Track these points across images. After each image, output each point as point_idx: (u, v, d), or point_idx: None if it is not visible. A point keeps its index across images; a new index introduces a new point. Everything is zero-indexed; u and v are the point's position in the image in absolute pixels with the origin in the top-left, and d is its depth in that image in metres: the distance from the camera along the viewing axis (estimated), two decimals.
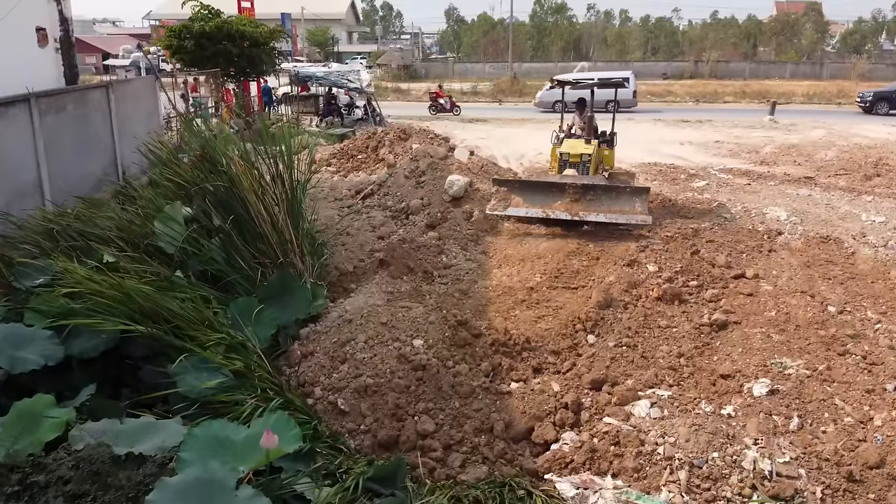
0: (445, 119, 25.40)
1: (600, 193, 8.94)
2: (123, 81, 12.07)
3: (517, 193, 9.16)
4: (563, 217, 8.68)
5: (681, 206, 10.76)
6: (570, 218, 8.63)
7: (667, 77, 50.44)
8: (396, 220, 10.13)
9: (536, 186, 9.24)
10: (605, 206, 8.79)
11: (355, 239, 9.31)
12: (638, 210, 8.76)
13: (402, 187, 10.95)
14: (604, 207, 8.77)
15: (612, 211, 8.72)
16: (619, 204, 8.82)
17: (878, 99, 28.23)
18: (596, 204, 8.84)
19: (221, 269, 5.86)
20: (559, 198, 8.93)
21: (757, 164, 15.13)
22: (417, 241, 8.11)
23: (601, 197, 8.90)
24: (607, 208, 8.76)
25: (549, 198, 8.96)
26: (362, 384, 4.98)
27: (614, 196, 8.92)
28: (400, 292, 6.88)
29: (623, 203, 8.83)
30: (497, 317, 6.17)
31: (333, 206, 10.87)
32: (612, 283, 6.70)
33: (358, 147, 14.40)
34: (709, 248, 8.12)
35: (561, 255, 7.92)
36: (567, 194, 8.92)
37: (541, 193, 9.04)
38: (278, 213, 6.32)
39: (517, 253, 8.15)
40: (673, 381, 5.27)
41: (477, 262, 7.93)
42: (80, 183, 9.32)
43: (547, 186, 9.15)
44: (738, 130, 21.15)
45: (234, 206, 6.00)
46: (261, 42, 18.78)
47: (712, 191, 12.30)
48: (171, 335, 4.49)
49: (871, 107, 27.80)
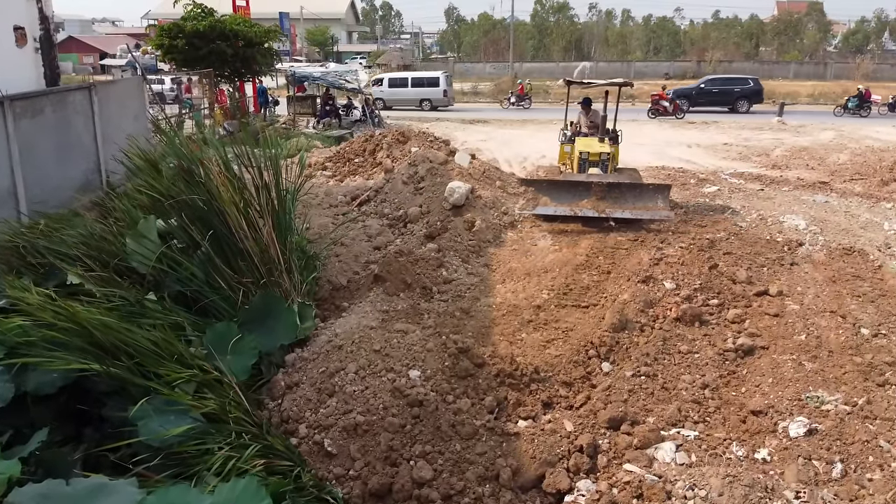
0: (445, 121, 24.88)
1: (625, 191, 9.28)
2: (108, 83, 11.53)
3: (544, 193, 9.51)
4: (589, 214, 9.01)
5: (693, 214, 10.23)
6: (596, 215, 8.98)
7: (669, 77, 49.88)
8: (394, 228, 9.61)
9: (563, 186, 9.56)
10: (629, 204, 9.15)
11: (350, 249, 8.78)
12: (660, 206, 9.20)
13: (400, 194, 10.42)
14: (628, 205, 9.14)
15: (636, 208, 9.10)
16: (643, 201, 9.21)
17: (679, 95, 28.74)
18: (621, 201, 9.18)
19: (199, 290, 5.32)
20: (585, 196, 9.27)
21: (769, 168, 14.59)
22: (415, 254, 7.58)
23: (626, 194, 9.25)
24: (632, 205, 9.14)
25: (576, 196, 9.30)
26: (352, 422, 4.46)
27: (638, 193, 9.30)
28: (396, 311, 6.36)
29: (647, 200, 9.24)
30: (502, 340, 5.64)
31: (328, 213, 10.35)
32: (627, 303, 6.17)
33: (355, 150, 13.85)
34: (727, 262, 7.59)
35: (569, 269, 7.40)
36: (592, 192, 9.25)
37: (567, 192, 9.37)
38: (263, 226, 5.79)
39: (522, 266, 7.63)
40: (698, 418, 4.74)
41: (479, 277, 7.41)
42: (59, 191, 8.80)
43: (573, 185, 9.46)
44: (745, 132, 20.63)
45: (213, 220, 5.47)
46: (255, 42, 18.24)
47: (724, 197, 11.77)
48: (135, 373, 3.96)
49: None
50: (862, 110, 26.65)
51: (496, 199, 9.84)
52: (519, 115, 27.76)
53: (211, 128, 16.22)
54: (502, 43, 64.21)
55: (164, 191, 5.53)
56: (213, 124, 16.24)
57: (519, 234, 8.92)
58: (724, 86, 28.98)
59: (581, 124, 11.75)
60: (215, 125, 16.50)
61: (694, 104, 28.15)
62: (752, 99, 28.38)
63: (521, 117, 26.60)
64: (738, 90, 28.50)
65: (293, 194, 7.23)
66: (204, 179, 5.43)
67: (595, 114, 11.86)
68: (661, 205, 9.24)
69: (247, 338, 4.97)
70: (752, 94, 28.48)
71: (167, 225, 5.57)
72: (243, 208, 5.58)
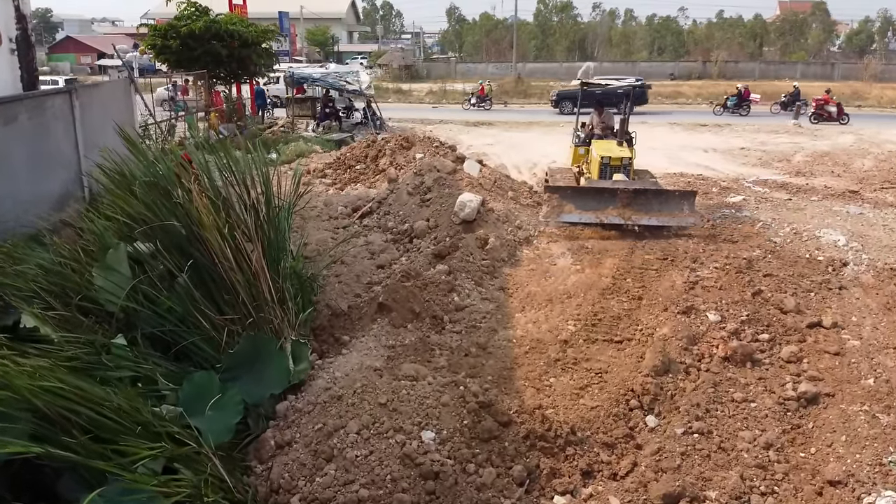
0: (449, 123, 24.12)
1: (650, 198, 9.03)
2: (91, 86, 10.80)
3: (568, 200, 9.15)
4: (616, 222, 8.77)
5: (721, 227, 9.48)
6: (623, 223, 8.74)
7: (674, 77, 49.13)
8: (398, 243, 8.86)
9: (587, 193, 9.25)
10: (655, 210, 8.91)
11: (351, 268, 8.04)
12: (687, 213, 8.99)
13: (406, 205, 9.68)
14: (654, 211, 8.90)
15: (662, 214, 8.89)
16: (669, 207, 9.00)
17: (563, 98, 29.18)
18: (646, 208, 8.92)
19: (177, 330, 4.58)
20: (610, 203, 8.97)
21: (792, 175, 13.84)
22: (424, 277, 6.83)
23: (651, 201, 9.00)
24: (658, 212, 8.91)
25: (601, 203, 9.00)
26: (354, 497, 3.71)
27: (664, 200, 9.08)
28: (403, 346, 5.61)
29: (673, 206, 9.02)
30: (527, 387, 4.89)
31: (327, 226, 9.61)
32: (668, 339, 5.43)
33: (356, 156, 13.09)
34: (770, 286, 6.84)
35: (595, 294, 6.65)
36: (618, 199, 8.93)
37: (592, 199, 9.07)
38: (252, 252, 5.05)
39: (542, 290, 6.88)
40: (766, 488, 4.00)
41: (495, 303, 6.66)
42: (36, 204, 8.05)
43: (598, 192, 9.14)
44: (761, 136, 19.86)
45: (193, 248, 4.73)
46: (252, 42, 17.49)
47: (751, 207, 11.01)
48: (89, 452, 3.21)
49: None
50: (741, 109, 27.25)
51: (509, 213, 9.09)
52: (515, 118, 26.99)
53: (204, 132, 15.49)
54: (504, 43, 63.37)
55: (136, 214, 4.78)
56: (206, 128, 15.50)
57: (536, 252, 8.17)
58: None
59: (594, 125, 11.37)
60: (209, 129, 15.75)
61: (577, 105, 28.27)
62: (637, 100, 28.67)
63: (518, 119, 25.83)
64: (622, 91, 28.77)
65: (288, 211, 6.49)
66: (182, 200, 4.68)
67: (608, 115, 11.53)
68: (688, 211, 9.03)
69: (230, 391, 4.23)
70: (637, 96, 28.53)
71: (141, 252, 4.81)
72: (228, 233, 4.84)
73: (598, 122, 11.43)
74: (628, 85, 11.48)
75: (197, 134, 15.30)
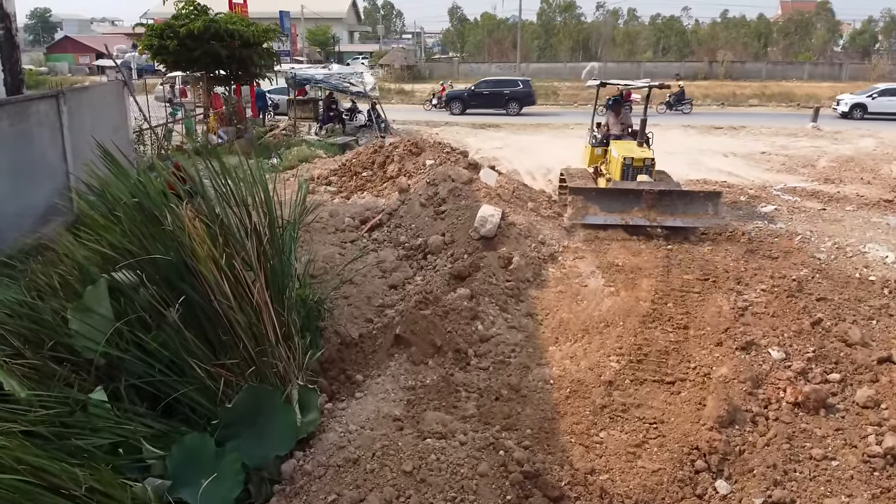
0: (454, 125, 23.45)
1: (675, 199, 8.97)
2: (82, 89, 10.14)
3: (593, 202, 9.00)
4: (641, 223, 8.70)
5: (757, 241, 8.80)
6: (648, 224, 8.66)
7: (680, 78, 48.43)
8: (411, 260, 8.20)
9: (612, 194, 9.12)
10: (679, 211, 8.87)
11: (361, 289, 7.38)
12: (711, 214, 8.95)
13: (418, 218, 9.02)
14: (679, 212, 8.86)
15: (687, 216, 8.85)
16: (695, 208, 8.94)
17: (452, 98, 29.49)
18: (671, 209, 8.87)
19: (166, 380, 3.92)
20: (635, 204, 8.86)
21: (821, 182, 13.16)
22: (443, 303, 6.15)
23: (676, 202, 8.94)
24: (682, 213, 8.86)
25: (626, 205, 8.89)
26: None
27: (689, 201, 9.00)
28: (424, 387, 4.94)
29: (698, 208, 8.96)
30: (574, 444, 4.22)
31: (334, 239, 8.94)
32: (729, 381, 4.76)
33: (362, 162, 12.43)
34: (826, 312, 6.17)
35: (635, 322, 5.99)
36: (643, 201, 8.83)
37: (617, 201, 8.95)
38: (253, 282, 4.38)
39: (575, 317, 6.21)
40: None
41: (524, 332, 5.99)
42: (17, 220, 7.43)
43: (622, 194, 9.02)
44: (780, 139, 19.19)
45: (186, 282, 4.06)
46: (253, 42, 16.82)
47: (784, 217, 10.35)
48: None
49: None
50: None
51: (531, 227, 8.43)
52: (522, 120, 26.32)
53: (203, 136, 14.83)
54: (507, 43, 62.75)
55: (118, 243, 4.11)
56: (205, 132, 14.83)
57: (562, 271, 7.50)
58: (496, 88, 29.42)
59: (609, 125, 11.08)
60: (208, 132, 15.09)
61: (467, 106, 28.77)
62: (523, 101, 29.01)
63: (525, 122, 25.15)
64: (508, 92, 29.11)
65: (293, 229, 5.83)
66: (172, 227, 4.02)
67: (626, 115, 11.38)
68: (713, 212, 8.97)
69: (228, 456, 3.57)
70: (523, 97, 29.07)
71: (124, 288, 4.14)
72: (226, 263, 4.17)
73: (615, 122, 11.10)
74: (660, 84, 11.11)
75: (195, 139, 14.66)
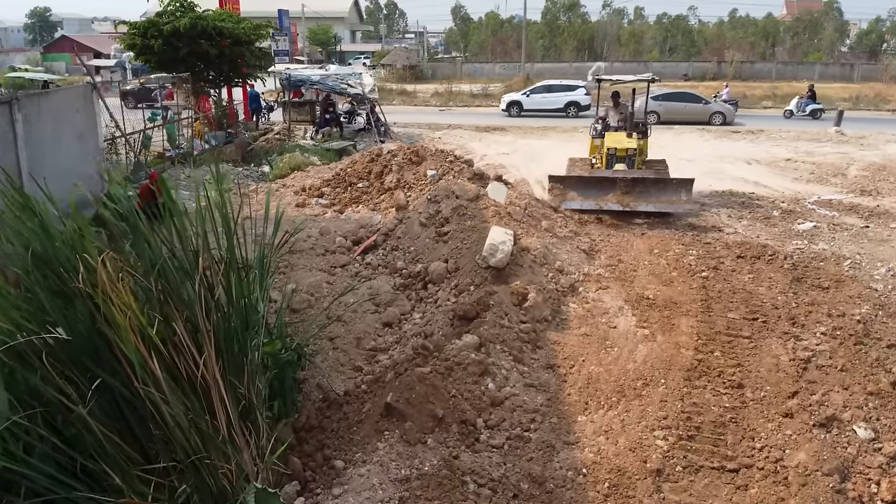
0: (458, 128, 22.37)
1: (649, 186, 9.55)
2: (40, 94, 9.10)
3: (572, 188, 9.68)
4: (615, 208, 9.38)
5: (802, 266, 7.75)
6: (621, 209, 9.34)
7: (688, 78, 47.34)
8: (409, 290, 7.18)
9: (589, 182, 9.78)
10: (653, 197, 9.45)
11: (350, 328, 6.36)
12: (684, 200, 9.46)
13: (418, 239, 7.99)
14: (652, 198, 9.44)
15: (660, 201, 9.41)
16: (667, 195, 9.49)
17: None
18: (645, 195, 9.46)
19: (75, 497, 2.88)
20: (611, 191, 9.53)
21: (857, 195, 12.09)
22: (445, 354, 5.10)
23: (650, 189, 9.51)
24: (656, 199, 9.44)
25: (602, 191, 9.56)
26: None
27: (662, 187, 9.55)
28: (422, 477, 3.88)
29: (670, 194, 9.49)
30: None
31: (322, 263, 7.92)
32: (810, 474, 3.71)
33: (358, 172, 11.38)
34: None
35: (678, 378, 4.94)
36: (618, 187, 9.50)
37: (593, 188, 9.62)
38: (200, 353, 3.34)
39: (606, 371, 5.16)
40: None
41: (544, 392, 4.93)
42: None
43: (599, 181, 9.71)
44: (803, 144, 18.09)
45: (104, 363, 3.03)
46: (244, 40, 15.78)
47: (825, 236, 9.29)
48: None
49: None
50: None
51: (546, 251, 7.39)
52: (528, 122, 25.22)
53: (188, 141, 13.78)
54: (510, 42, 61.59)
55: (21, 315, 3.06)
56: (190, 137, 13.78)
57: (585, 306, 6.45)
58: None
59: (610, 119, 11.66)
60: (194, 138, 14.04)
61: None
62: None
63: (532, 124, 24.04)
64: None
65: (263, 270, 4.76)
66: (85, 287, 2.98)
67: (625, 107, 11.79)
68: (685, 198, 9.43)
69: None
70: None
71: (27, 375, 3.10)
72: (159, 334, 3.13)
73: (614, 115, 11.64)
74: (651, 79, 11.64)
75: (178, 146, 13.63)
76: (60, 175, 8.44)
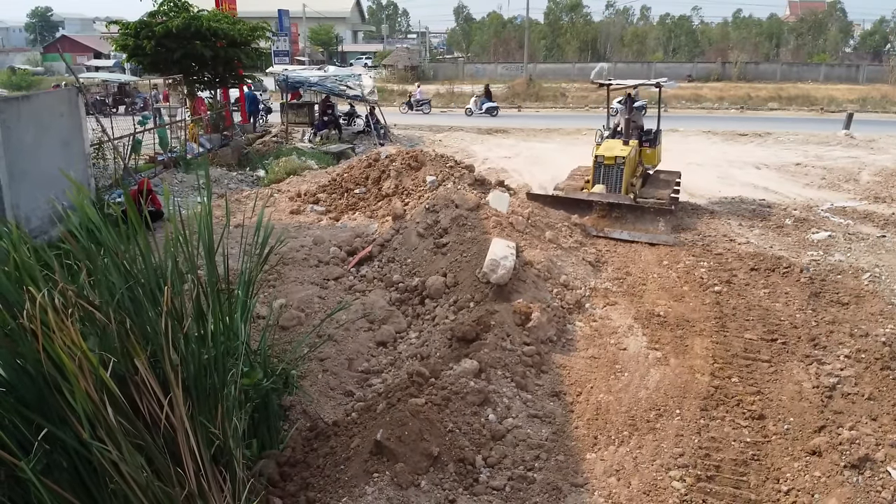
0: (459, 130, 21.99)
1: (626, 211, 9.16)
2: (21, 98, 8.75)
3: (550, 207, 9.27)
4: (590, 232, 8.88)
5: (819, 280, 7.37)
6: (595, 234, 8.87)
7: (692, 79, 46.89)
8: (405, 305, 6.81)
9: (566, 202, 9.45)
10: (629, 224, 9.06)
11: (342, 348, 5.99)
12: (661, 230, 8.95)
13: (415, 251, 7.62)
14: (629, 225, 9.05)
15: (636, 229, 8.96)
16: (644, 223, 9.05)
17: None
18: (622, 221, 9.10)
19: None
20: (587, 213, 9.22)
21: (871, 201, 11.69)
22: (442, 382, 4.72)
23: (626, 215, 9.14)
24: (632, 226, 9.03)
25: (579, 212, 9.20)
26: None
27: (639, 214, 9.12)
28: None
29: (647, 222, 9.04)
30: None
31: (314, 276, 7.55)
32: None
33: (355, 178, 11.01)
34: None
35: (694, 408, 4.57)
36: (595, 210, 9.20)
37: (571, 208, 9.28)
38: (166, 395, 2.97)
39: (616, 400, 4.78)
40: None
41: (550, 424, 4.56)
42: None
43: (575, 203, 9.38)
44: (812, 148, 17.69)
45: (49, 413, 2.66)
46: (240, 41, 15.42)
47: (842, 247, 8.90)
48: None
49: None
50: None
51: (551, 264, 7.01)
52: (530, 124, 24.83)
53: (182, 145, 13.42)
54: (513, 43, 61.19)
55: None
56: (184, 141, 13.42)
57: (592, 325, 6.08)
58: None
59: (621, 124, 11.01)
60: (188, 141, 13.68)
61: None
62: None
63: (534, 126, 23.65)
64: None
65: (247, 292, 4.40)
66: (26, 327, 2.62)
67: (637, 114, 11.37)
68: (663, 228, 8.97)
69: None
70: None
71: None
72: (115, 376, 2.77)
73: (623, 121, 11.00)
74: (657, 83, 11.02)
75: (171, 150, 13.27)
76: (45, 183, 8.11)
